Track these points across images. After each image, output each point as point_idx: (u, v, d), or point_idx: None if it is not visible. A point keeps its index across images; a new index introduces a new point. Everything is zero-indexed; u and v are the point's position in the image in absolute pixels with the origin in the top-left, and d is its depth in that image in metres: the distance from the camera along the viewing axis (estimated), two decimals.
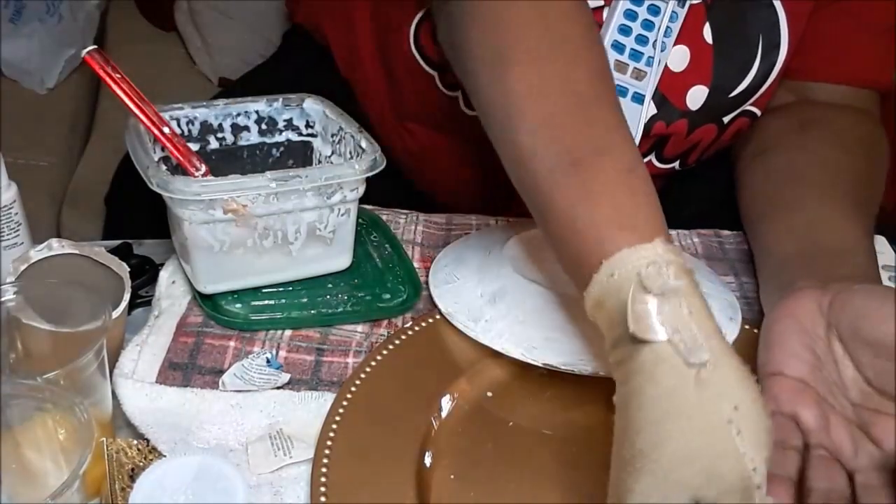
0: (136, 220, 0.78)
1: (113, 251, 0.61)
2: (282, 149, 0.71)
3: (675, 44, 0.73)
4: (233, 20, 1.40)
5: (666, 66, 0.73)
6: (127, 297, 0.56)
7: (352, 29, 0.87)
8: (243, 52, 1.38)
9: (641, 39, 0.72)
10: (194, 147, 0.67)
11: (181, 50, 1.44)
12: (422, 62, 0.79)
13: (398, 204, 0.77)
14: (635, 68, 0.72)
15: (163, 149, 0.65)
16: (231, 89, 1.07)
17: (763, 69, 0.75)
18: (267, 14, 1.41)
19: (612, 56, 0.72)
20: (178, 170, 0.67)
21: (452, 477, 0.50)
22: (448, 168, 0.86)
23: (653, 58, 0.72)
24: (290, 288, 0.64)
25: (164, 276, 0.65)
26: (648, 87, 0.72)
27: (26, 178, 0.68)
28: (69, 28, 1.39)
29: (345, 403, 0.53)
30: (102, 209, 1.00)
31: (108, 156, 1.08)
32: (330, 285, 0.65)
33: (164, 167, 0.60)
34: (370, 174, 0.60)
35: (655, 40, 0.72)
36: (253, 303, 0.62)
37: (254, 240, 0.60)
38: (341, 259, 0.65)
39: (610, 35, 0.72)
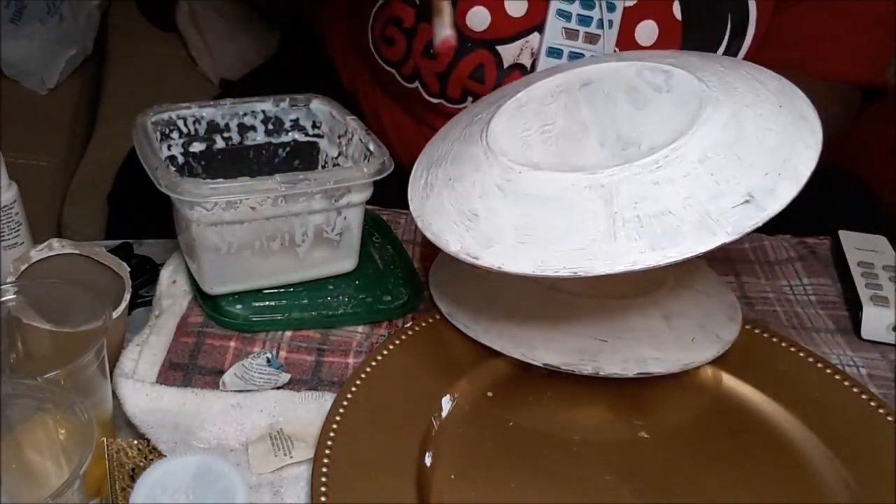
0: (139, 219, 0.79)
1: (113, 251, 0.61)
2: (288, 149, 0.71)
3: (642, 18, 0.74)
4: (233, 21, 1.40)
5: (634, 41, 0.74)
6: (127, 297, 0.56)
7: (345, 46, 0.90)
8: (244, 53, 1.38)
9: (587, 4, 0.73)
10: (201, 146, 0.68)
11: (182, 51, 1.44)
12: (382, 63, 0.81)
13: (399, 204, 0.77)
14: (586, 33, 0.73)
15: (169, 148, 0.65)
16: (231, 90, 1.08)
17: (731, 52, 0.76)
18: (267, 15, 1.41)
19: (559, 24, 0.73)
20: (184, 170, 0.67)
21: (452, 477, 0.50)
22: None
23: (601, 19, 0.72)
24: (292, 289, 0.64)
25: (165, 275, 0.65)
26: (604, 48, 0.74)
27: (26, 178, 0.68)
28: (70, 28, 1.38)
29: (345, 403, 0.53)
30: (103, 209, 1.00)
31: (109, 155, 1.08)
32: (331, 287, 0.64)
33: (172, 168, 0.60)
34: (378, 178, 0.60)
35: (601, 1, 0.72)
36: (254, 304, 0.62)
37: (261, 242, 0.60)
38: (347, 262, 0.65)
39: (553, 4, 0.73)
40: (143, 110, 0.65)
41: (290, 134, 0.71)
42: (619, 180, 0.50)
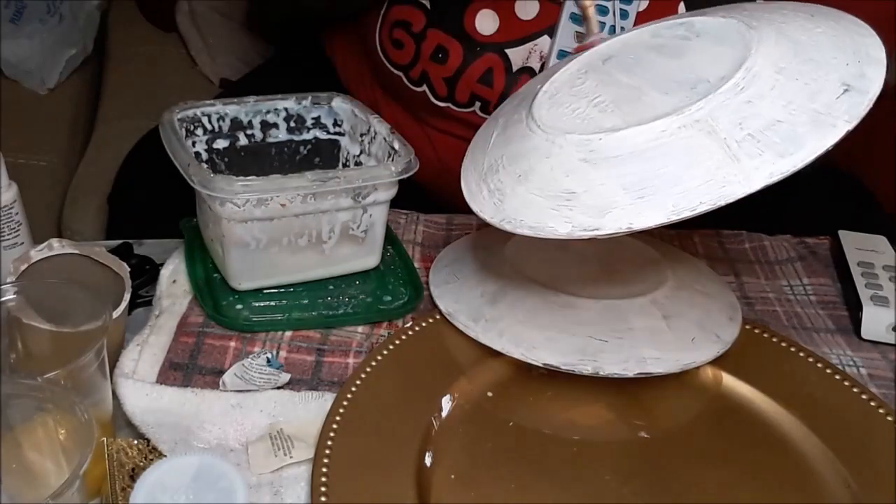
0: (139, 219, 0.79)
1: (113, 251, 0.61)
2: (309, 146, 0.72)
3: (649, 20, 0.74)
4: (233, 21, 1.40)
5: None
6: (127, 296, 0.56)
7: (349, 53, 0.91)
8: (244, 53, 1.38)
9: (601, 9, 0.73)
10: (224, 143, 0.68)
11: (182, 51, 1.44)
12: (389, 66, 0.81)
13: (398, 204, 0.77)
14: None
15: (193, 144, 0.65)
16: (231, 90, 1.08)
17: None
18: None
19: (572, 28, 0.73)
20: (208, 166, 0.67)
21: (452, 477, 0.50)
22: (432, 157, 0.87)
23: (614, 26, 0.72)
24: (292, 289, 0.64)
25: (165, 274, 0.65)
26: None
27: (26, 178, 0.68)
28: (70, 28, 1.38)
29: (345, 403, 0.53)
30: (103, 209, 1.00)
31: (109, 155, 1.08)
32: (331, 287, 0.65)
33: (204, 165, 0.60)
34: (405, 176, 0.60)
35: (615, 8, 0.73)
36: (254, 304, 0.62)
37: (289, 238, 0.61)
38: (371, 258, 0.66)
39: (567, 6, 0.73)
40: (170, 107, 0.65)
41: (311, 132, 0.71)
42: (710, 111, 0.48)
